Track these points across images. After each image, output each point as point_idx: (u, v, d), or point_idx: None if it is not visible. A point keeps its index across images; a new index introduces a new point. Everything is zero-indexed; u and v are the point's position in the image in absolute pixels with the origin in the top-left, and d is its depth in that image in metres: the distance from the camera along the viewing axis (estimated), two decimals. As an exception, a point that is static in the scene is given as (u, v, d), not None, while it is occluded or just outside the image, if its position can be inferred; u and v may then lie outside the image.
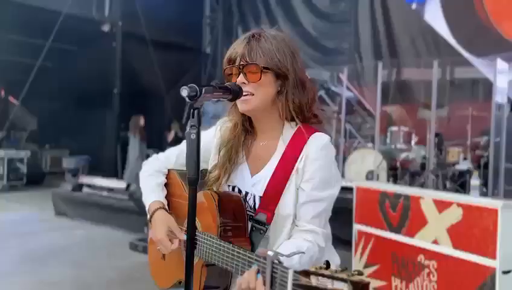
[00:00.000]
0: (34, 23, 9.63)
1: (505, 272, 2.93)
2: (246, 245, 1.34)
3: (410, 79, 8.26)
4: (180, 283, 1.50)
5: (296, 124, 1.45)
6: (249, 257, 1.18)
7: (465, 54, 7.38)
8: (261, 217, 1.39)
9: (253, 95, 1.39)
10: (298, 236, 1.37)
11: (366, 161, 5.75)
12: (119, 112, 10.50)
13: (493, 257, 2.94)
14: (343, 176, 5.99)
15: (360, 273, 0.95)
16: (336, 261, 1.52)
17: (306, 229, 1.38)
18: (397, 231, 3.62)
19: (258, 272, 1.12)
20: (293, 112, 1.42)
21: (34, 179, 9.80)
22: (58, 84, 11.13)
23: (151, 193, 1.56)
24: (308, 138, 1.41)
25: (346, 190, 5.13)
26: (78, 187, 6.67)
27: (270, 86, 1.40)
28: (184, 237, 1.42)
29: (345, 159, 6.08)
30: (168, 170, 1.63)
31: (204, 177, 1.51)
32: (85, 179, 6.75)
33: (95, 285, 4.06)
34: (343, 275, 0.95)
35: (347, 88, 7.19)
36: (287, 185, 1.39)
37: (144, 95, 11.24)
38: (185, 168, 1.57)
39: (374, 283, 3.85)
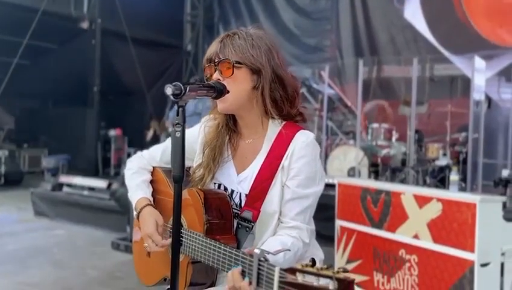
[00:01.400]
0: (11, 21, 9.44)
1: (483, 265, 3.00)
2: (231, 242, 1.35)
3: (390, 76, 8.35)
4: (165, 280, 1.51)
5: (281, 122, 1.46)
6: (235, 254, 1.18)
7: (444, 52, 7.49)
8: (247, 214, 1.40)
9: (228, 92, 1.39)
10: (283, 233, 1.39)
11: (348, 157, 5.81)
12: (99, 110, 10.38)
13: (472, 250, 3.01)
14: (325, 172, 6.03)
15: (345, 270, 0.96)
16: (320, 256, 1.54)
17: (291, 226, 1.39)
18: (379, 226, 3.67)
19: (242, 272, 1.13)
20: (271, 108, 1.43)
21: (12, 178, 9.61)
22: (36, 82, 10.93)
23: (138, 190, 1.56)
24: (294, 136, 1.43)
25: (328, 186, 5.19)
26: (58, 187, 6.57)
27: (244, 82, 1.41)
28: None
29: (327, 156, 6.13)
30: (153, 167, 1.63)
31: (189, 176, 1.51)
32: (65, 179, 6.65)
33: (76, 285, 4.02)
34: (329, 273, 0.96)
35: (328, 85, 7.23)
36: (272, 183, 1.41)
37: (125, 93, 11.13)
38: (169, 166, 1.59)
39: (357, 278, 3.89)
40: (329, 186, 4.82)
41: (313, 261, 1.02)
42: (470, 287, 3.02)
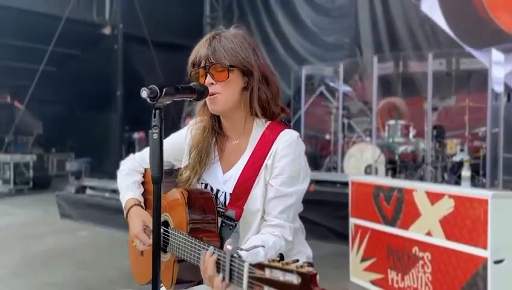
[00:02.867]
0: (36, 29, 9.74)
1: (496, 262, 2.94)
2: (215, 241, 1.38)
3: (412, 72, 8.23)
4: (157, 278, 1.54)
5: (265, 122, 1.48)
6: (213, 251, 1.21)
7: (464, 46, 7.34)
8: (231, 213, 1.42)
9: (220, 94, 1.41)
10: (265, 231, 1.40)
11: (365, 155, 5.75)
12: (122, 113, 10.60)
13: (484, 247, 2.95)
14: (342, 170, 6.02)
15: (310, 264, 0.98)
16: (307, 253, 1.55)
17: (274, 224, 1.41)
18: (392, 224, 3.64)
19: (217, 269, 1.16)
20: (259, 107, 1.45)
21: (41, 182, 9.90)
22: (62, 88, 11.25)
23: (128, 190, 1.60)
24: (277, 135, 1.44)
25: (344, 184, 5.16)
26: (82, 189, 6.75)
27: (237, 83, 1.43)
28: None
29: (343, 154, 6.09)
30: (145, 169, 1.67)
31: (177, 176, 1.55)
32: (88, 181, 6.82)
33: (96, 285, 4.12)
34: (292, 267, 0.97)
35: (345, 83, 7.19)
36: (255, 182, 1.42)
37: (147, 96, 11.29)
38: (160, 168, 1.63)
39: (371, 276, 3.88)
40: (345, 184, 4.80)
41: (281, 256, 1.03)
42: (483, 285, 2.97)
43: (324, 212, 5.08)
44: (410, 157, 5.97)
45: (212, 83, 1.41)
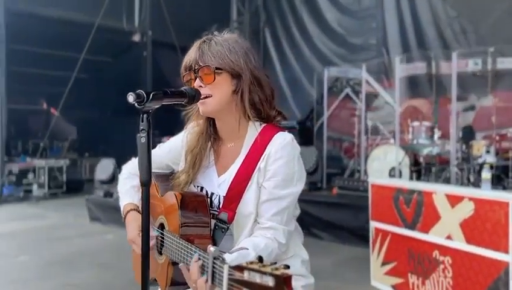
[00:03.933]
0: (69, 37, 10.06)
1: (519, 267, 2.85)
2: (207, 244, 1.39)
3: (443, 72, 8.03)
4: (155, 280, 1.57)
5: (260, 125, 1.49)
6: (199, 254, 1.23)
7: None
8: (223, 216, 1.43)
9: (211, 96, 1.43)
10: (258, 233, 1.41)
11: (389, 157, 5.65)
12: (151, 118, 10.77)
13: (506, 251, 2.87)
14: (365, 173, 5.93)
15: (286, 266, 0.98)
16: (302, 256, 1.55)
17: (266, 227, 1.41)
18: (412, 227, 3.58)
19: (202, 270, 1.17)
20: (252, 110, 1.46)
21: (74, 186, 10.19)
22: (94, 94, 11.56)
23: (126, 195, 1.64)
24: (271, 138, 1.44)
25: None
26: (110, 193, 6.90)
27: (226, 86, 1.44)
28: (154, 235, 1.49)
29: (367, 157, 5.99)
30: None
31: (173, 179, 1.57)
32: (115, 185, 6.97)
33: (117, 286, 4.21)
34: (268, 270, 0.98)
35: (368, 84, 7.08)
36: (248, 185, 1.43)
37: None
38: (160, 171, 1.67)
39: (392, 281, 3.81)
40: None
41: (260, 258, 1.04)
42: (505, 290, 2.88)
43: (346, 215, 5.04)
44: (436, 159, 5.83)
45: (201, 86, 1.43)
